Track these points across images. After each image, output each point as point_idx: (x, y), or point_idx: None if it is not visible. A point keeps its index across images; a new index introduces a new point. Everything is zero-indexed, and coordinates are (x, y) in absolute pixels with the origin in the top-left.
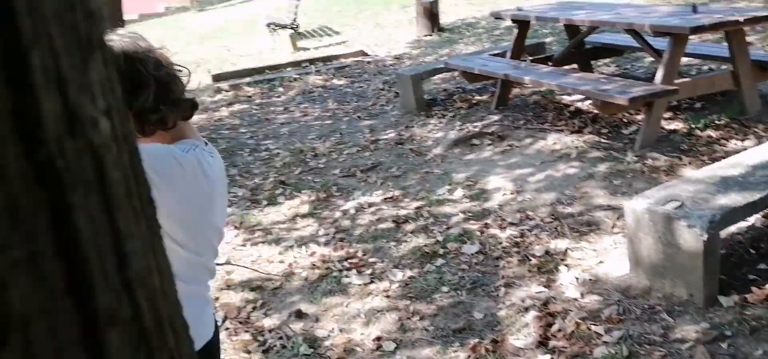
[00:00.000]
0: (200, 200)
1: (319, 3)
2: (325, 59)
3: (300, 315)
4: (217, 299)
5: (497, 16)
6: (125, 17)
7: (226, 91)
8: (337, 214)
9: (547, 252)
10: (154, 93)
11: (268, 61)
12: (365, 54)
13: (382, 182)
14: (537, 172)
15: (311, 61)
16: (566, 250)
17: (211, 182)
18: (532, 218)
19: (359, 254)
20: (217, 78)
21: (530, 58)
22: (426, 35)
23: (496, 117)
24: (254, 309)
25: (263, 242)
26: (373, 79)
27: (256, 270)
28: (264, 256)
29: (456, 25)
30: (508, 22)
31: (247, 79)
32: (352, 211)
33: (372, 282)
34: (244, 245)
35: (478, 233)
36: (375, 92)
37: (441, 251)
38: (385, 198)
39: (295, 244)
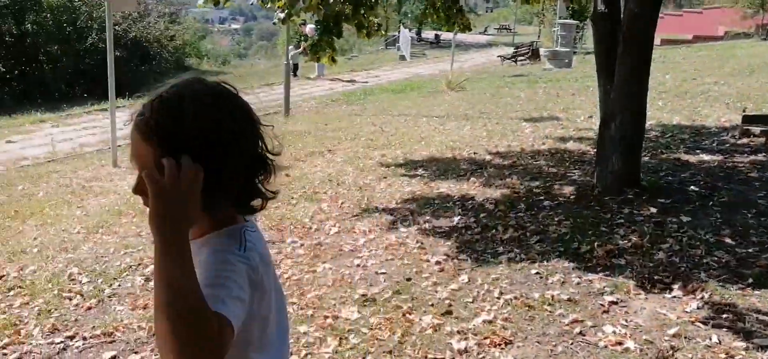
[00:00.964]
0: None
1: None
2: None
3: None
4: None
5: None
6: (675, 37)
7: (756, 136)
8: None
9: None
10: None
11: None
12: None
13: None
14: None
15: None
16: None
17: (262, 268)
18: None
19: None
20: (749, 119)
21: None
22: None
23: None
24: None
25: (729, 330)
26: None
27: None
28: (723, 344)
29: None
30: None
31: None
32: None
33: None
34: (704, 324)
35: None
36: None
37: None
38: None
39: None
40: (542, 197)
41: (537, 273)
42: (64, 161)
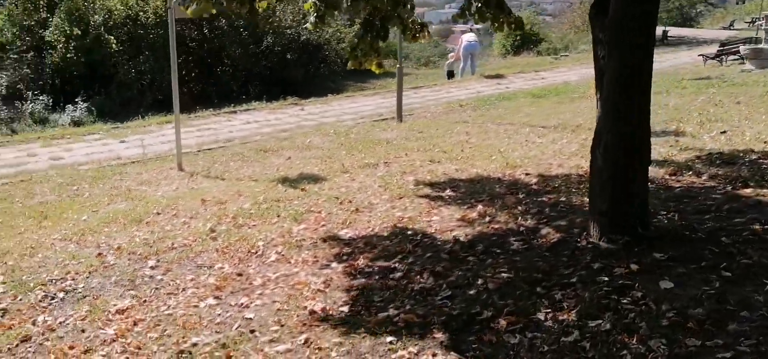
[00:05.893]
0: None
1: None
2: None
3: None
4: None
5: None
6: None
7: None
8: None
9: None
10: None
11: None
12: None
13: None
14: None
15: None
16: None
17: None
18: None
19: None
20: None
21: None
22: None
23: None
24: None
25: None
26: None
27: None
28: None
29: None
30: None
31: None
32: None
33: None
34: None
35: None
36: None
37: None
38: None
39: None
40: (515, 239)
41: (389, 350)
42: (146, 162)
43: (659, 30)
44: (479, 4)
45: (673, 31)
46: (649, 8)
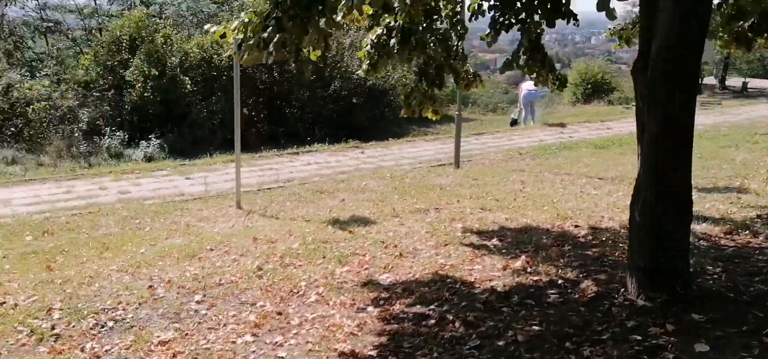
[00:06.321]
0: None
1: None
2: None
3: None
4: None
5: None
6: None
7: None
8: None
9: None
10: None
11: None
12: None
13: None
14: None
15: None
16: None
17: None
18: None
19: None
20: None
21: None
22: None
23: None
24: None
25: None
26: None
27: None
28: None
29: None
30: None
31: None
32: None
33: None
34: None
35: None
36: None
37: None
38: None
39: None
40: (552, 292)
41: None
42: (207, 200)
43: (739, 82)
44: (526, 57)
45: (754, 83)
46: (691, 65)
